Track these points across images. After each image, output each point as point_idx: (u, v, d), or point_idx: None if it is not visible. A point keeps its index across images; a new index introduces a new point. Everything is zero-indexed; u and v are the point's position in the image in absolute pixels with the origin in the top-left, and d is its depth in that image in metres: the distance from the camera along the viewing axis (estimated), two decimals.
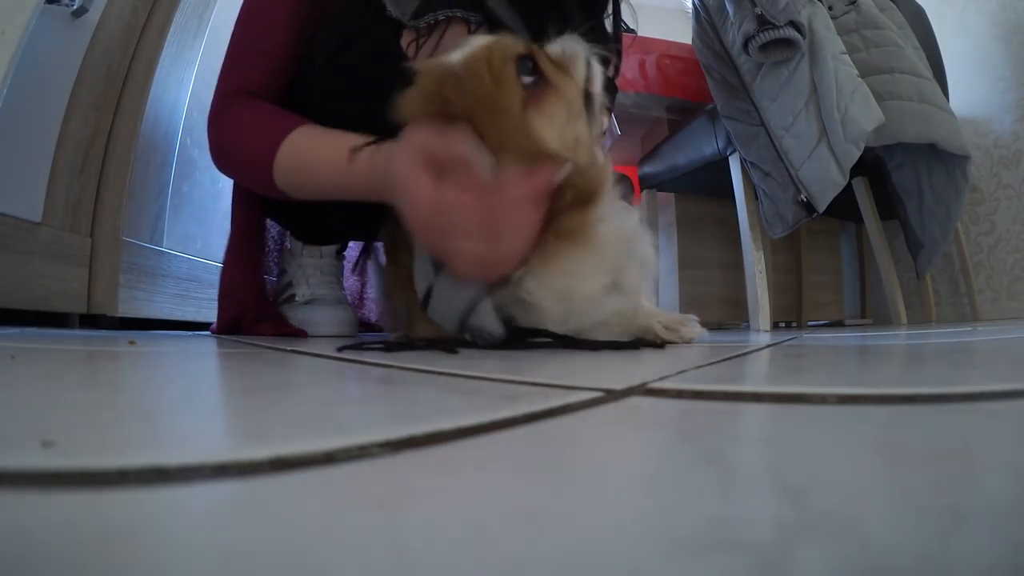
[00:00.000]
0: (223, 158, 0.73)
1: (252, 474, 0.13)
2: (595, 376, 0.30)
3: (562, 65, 0.55)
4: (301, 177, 0.65)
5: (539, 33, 0.72)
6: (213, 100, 0.72)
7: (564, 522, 0.10)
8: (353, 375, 0.34)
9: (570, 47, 0.56)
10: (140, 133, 1.12)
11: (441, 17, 0.67)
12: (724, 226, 1.77)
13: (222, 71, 0.74)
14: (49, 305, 0.96)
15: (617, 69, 0.83)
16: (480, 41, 0.53)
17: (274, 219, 0.92)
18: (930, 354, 0.45)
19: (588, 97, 0.56)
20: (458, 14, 0.67)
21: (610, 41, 0.81)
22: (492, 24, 0.69)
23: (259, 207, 0.86)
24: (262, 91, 0.72)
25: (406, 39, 0.68)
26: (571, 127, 0.53)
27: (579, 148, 0.52)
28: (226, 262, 0.87)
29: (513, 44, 0.53)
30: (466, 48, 0.52)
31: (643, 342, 0.55)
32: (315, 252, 0.91)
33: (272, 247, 1.00)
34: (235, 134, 0.69)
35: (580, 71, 0.55)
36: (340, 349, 0.50)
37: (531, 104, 0.51)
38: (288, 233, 0.94)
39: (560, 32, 0.75)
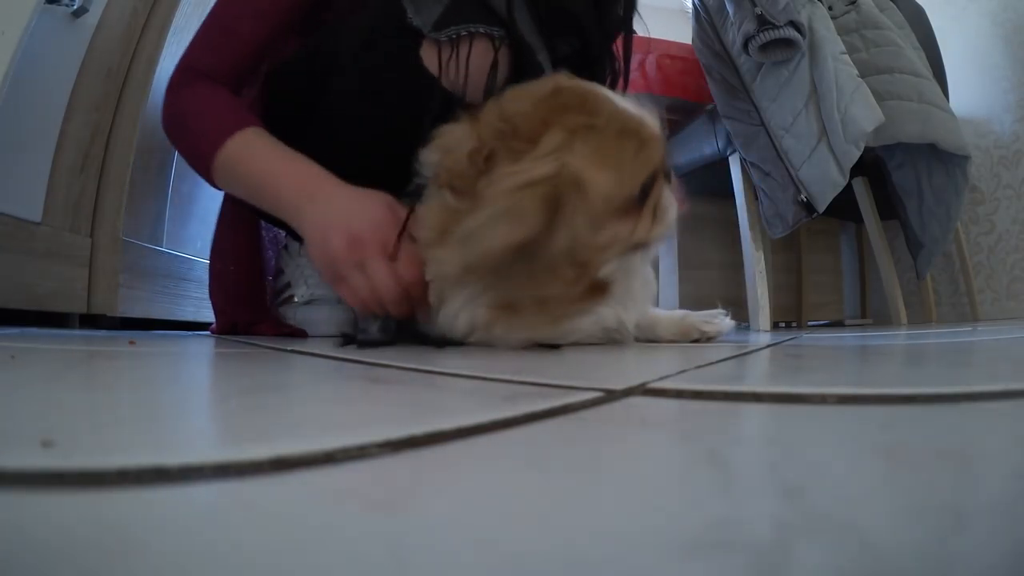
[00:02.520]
0: (171, 132, 0.74)
1: (252, 474, 0.13)
2: (595, 376, 0.30)
3: (657, 209, 0.54)
4: (236, 178, 0.67)
5: (558, 53, 0.73)
6: (176, 68, 0.73)
7: (564, 522, 0.10)
8: (353, 375, 0.34)
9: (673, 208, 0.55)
10: (140, 133, 1.12)
11: (464, 32, 0.66)
12: (724, 226, 1.77)
13: (193, 41, 0.74)
14: (49, 305, 0.96)
15: (620, 81, 0.83)
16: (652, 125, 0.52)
17: (269, 221, 0.92)
18: (930, 354, 0.45)
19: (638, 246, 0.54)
20: (481, 30, 0.66)
21: (615, 60, 0.81)
22: (513, 42, 0.68)
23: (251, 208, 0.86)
24: (223, 77, 0.73)
25: (427, 51, 0.67)
26: (596, 255, 0.50)
27: (561, 270, 0.49)
28: (211, 272, 0.88)
29: (661, 156, 0.53)
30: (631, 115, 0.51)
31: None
32: None
33: (266, 241, 1.00)
34: (186, 116, 0.70)
35: (657, 229, 0.54)
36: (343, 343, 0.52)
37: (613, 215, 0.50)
38: (286, 234, 0.94)
39: (576, 53, 0.75)
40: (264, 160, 0.65)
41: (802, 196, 1.29)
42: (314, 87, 0.72)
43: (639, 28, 0.85)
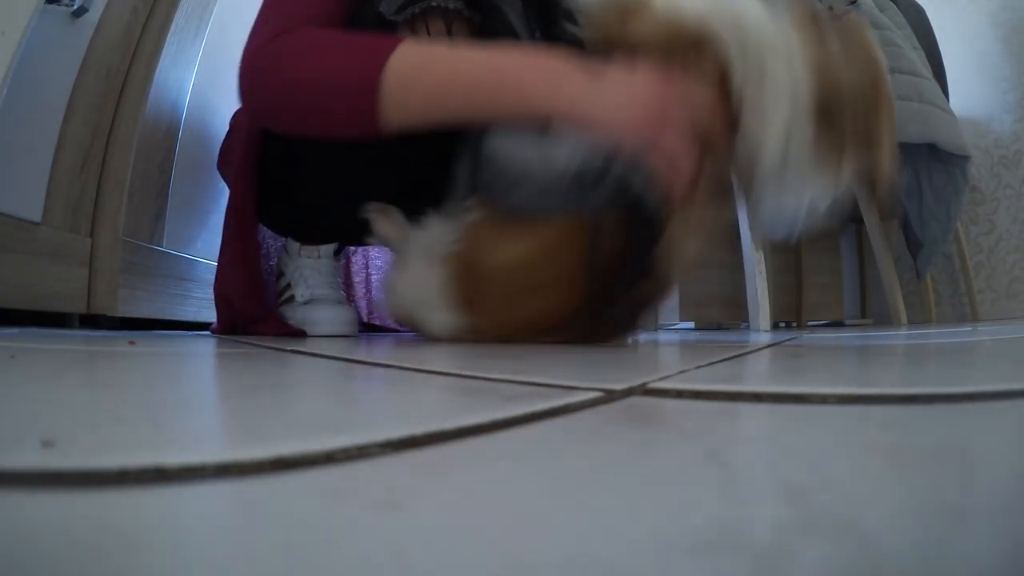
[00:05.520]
0: (284, 95, 0.62)
1: (253, 474, 0.13)
2: (595, 376, 0.30)
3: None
4: (431, 87, 0.58)
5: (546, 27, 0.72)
6: (257, 42, 0.63)
7: (564, 522, 0.10)
8: (353, 375, 0.34)
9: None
10: (140, 133, 1.12)
11: (417, 11, 0.66)
12: (724, 226, 1.76)
13: (266, 14, 0.65)
14: (49, 305, 0.96)
15: None
16: None
17: (266, 223, 0.92)
18: (930, 354, 0.45)
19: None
20: (434, 3, 0.66)
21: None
22: (473, 13, 0.68)
23: (251, 210, 0.86)
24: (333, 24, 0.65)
25: (401, 33, 0.68)
26: None
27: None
28: (220, 267, 0.87)
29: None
30: None
31: None
32: (313, 252, 0.91)
33: (272, 250, 1.00)
34: (308, 59, 0.60)
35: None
36: None
37: None
38: (285, 236, 0.94)
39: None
40: (467, 58, 0.58)
41: None
42: None
43: None
